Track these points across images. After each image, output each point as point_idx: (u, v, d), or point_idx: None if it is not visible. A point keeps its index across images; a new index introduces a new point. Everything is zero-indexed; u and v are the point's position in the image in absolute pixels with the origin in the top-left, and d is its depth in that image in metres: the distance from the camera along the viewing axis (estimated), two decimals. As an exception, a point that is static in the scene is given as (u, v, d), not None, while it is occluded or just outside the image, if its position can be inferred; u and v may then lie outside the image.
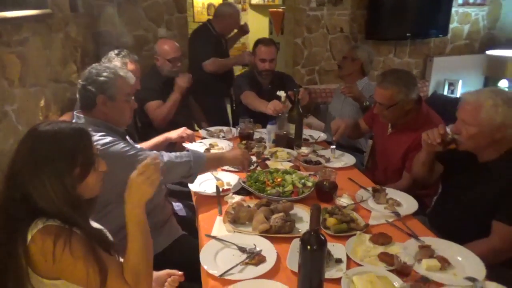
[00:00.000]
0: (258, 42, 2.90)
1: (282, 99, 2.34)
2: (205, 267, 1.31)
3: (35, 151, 1.07)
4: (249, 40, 6.80)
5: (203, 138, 2.58)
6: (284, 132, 2.36)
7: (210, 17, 3.67)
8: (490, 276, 1.28)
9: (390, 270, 1.29)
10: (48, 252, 1.00)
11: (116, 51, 2.34)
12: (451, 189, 1.86)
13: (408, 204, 1.75)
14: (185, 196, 2.20)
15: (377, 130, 2.44)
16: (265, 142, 2.44)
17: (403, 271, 1.27)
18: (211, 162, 1.85)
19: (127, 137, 1.86)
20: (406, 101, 2.05)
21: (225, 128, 2.74)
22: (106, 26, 3.46)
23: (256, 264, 1.32)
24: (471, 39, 4.79)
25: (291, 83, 2.96)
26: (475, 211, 1.64)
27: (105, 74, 1.63)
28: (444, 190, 1.94)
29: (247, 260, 1.34)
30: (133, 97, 1.76)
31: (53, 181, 1.05)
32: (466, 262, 1.37)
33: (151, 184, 1.14)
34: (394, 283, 1.22)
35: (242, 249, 1.40)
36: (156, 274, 1.39)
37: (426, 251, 1.38)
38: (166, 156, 1.69)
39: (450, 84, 4.72)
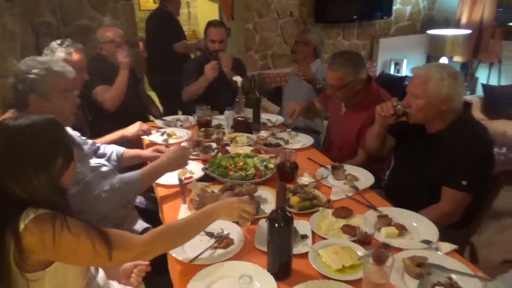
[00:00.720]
0: (209, 24, 2.91)
1: (239, 84, 2.34)
2: (174, 255, 1.31)
3: (14, 146, 1.03)
4: (200, 27, 6.69)
5: (160, 128, 2.53)
6: (242, 117, 2.37)
7: (157, 5, 3.67)
8: (442, 238, 1.39)
9: (353, 241, 1.36)
10: (47, 236, 0.97)
11: (59, 41, 2.20)
12: (403, 161, 1.97)
13: (365, 178, 1.83)
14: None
15: (332, 110, 2.53)
16: (223, 128, 2.44)
17: (364, 240, 1.34)
18: (148, 178, 1.70)
19: (77, 136, 1.80)
20: (356, 81, 2.13)
21: (182, 117, 2.70)
22: (46, 16, 3.25)
23: (225, 247, 1.34)
24: (413, 19, 5.02)
25: (242, 69, 2.99)
26: (426, 179, 1.75)
27: (35, 71, 1.50)
28: (396, 163, 2.05)
29: (215, 244, 1.35)
30: (77, 92, 1.65)
31: (40, 173, 1.03)
32: (420, 227, 1.47)
33: (238, 217, 1.32)
34: (358, 252, 1.28)
35: (210, 234, 1.40)
36: (122, 266, 1.37)
37: (385, 220, 1.46)
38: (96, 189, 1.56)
39: (396, 64, 4.95)
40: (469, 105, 1.78)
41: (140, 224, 1.81)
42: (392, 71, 4.95)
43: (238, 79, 2.34)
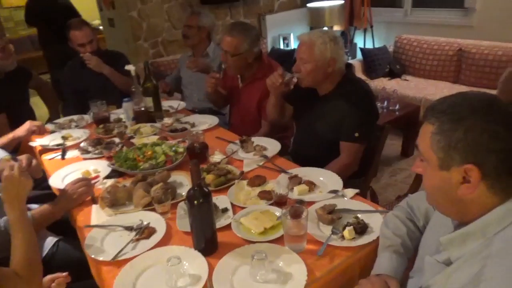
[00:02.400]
0: (69, 27, 2.63)
1: (132, 73, 2.25)
2: (93, 256, 1.24)
3: None
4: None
5: (52, 132, 2.32)
6: (143, 107, 2.29)
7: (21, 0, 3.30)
8: (346, 187, 1.55)
9: (270, 204, 1.45)
10: None
11: None
12: (303, 126, 2.11)
13: (272, 146, 1.93)
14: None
15: (230, 88, 2.57)
16: (124, 122, 2.34)
17: (280, 201, 1.43)
18: (41, 221, 1.49)
19: None
20: (249, 52, 2.21)
21: (75, 117, 2.51)
22: None
23: (148, 237, 1.31)
24: (293, -6, 5.29)
25: (124, 60, 2.85)
26: (324, 138, 1.91)
27: None
28: (297, 128, 2.19)
29: (137, 236, 1.31)
30: None
31: None
32: (327, 180, 1.61)
33: (27, 175, 1.26)
34: (276, 213, 1.36)
35: (129, 228, 1.36)
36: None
37: (295, 180, 1.57)
38: None
39: (284, 38, 5.18)
40: (350, 65, 1.97)
41: (50, 239, 1.66)
42: (282, 46, 5.18)
43: (130, 67, 2.24)
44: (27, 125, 2.06)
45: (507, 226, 0.77)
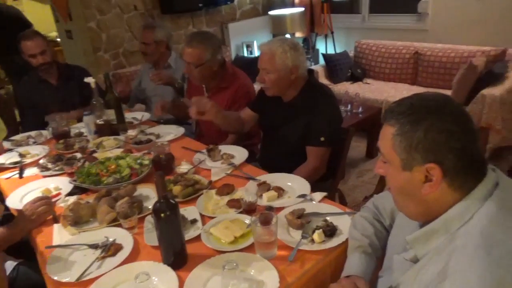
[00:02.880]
0: (20, 38, 2.53)
1: (92, 85, 2.18)
2: (56, 278, 1.18)
3: None
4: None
5: (9, 150, 2.21)
6: (105, 120, 2.22)
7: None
8: (314, 191, 1.56)
9: (239, 212, 1.43)
10: None
11: None
12: (269, 132, 2.12)
13: (240, 154, 1.92)
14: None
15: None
16: (86, 136, 2.26)
17: (250, 209, 1.42)
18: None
19: None
20: (213, 60, 2.19)
21: (33, 133, 2.40)
22: None
23: (114, 254, 1.26)
24: (254, 3, 5.33)
25: (85, 74, 2.75)
26: (291, 143, 1.92)
27: None
28: (264, 135, 2.20)
29: (102, 254, 1.26)
30: None
31: None
32: (295, 185, 1.62)
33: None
34: (246, 221, 1.35)
35: (94, 246, 1.31)
36: None
37: (264, 186, 1.57)
38: None
39: (248, 46, 5.22)
40: (312, 71, 2.00)
41: (10, 264, 1.57)
42: (245, 53, 5.21)
43: (90, 80, 2.17)
44: None
45: (467, 221, 0.80)
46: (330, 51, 4.98)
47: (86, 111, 2.22)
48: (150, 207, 1.50)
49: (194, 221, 1.40)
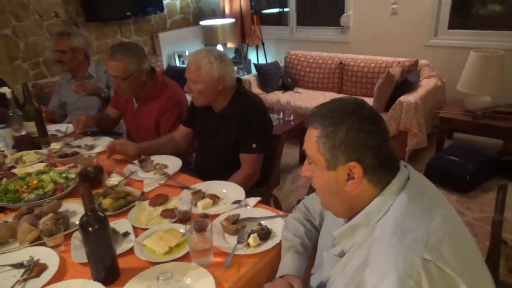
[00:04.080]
0: None
1: (8, 95, 2.02)
2: (-30, 306, 1.08)
3: None
4: None
5: None
6: (24, 133, 2.07)
7: None
8: (250, 196, 1.59)
9: (174, 222, 1.41)
10: None
11: None
12: (203, 143, 2.11)
13: (173, 163, 1.90)
14: None
15: (125, 109, 2.46)
16: (3, 151, 2.08)
17: (184, 218, 1.41)
18: None
19: None
20: (140, 71, 2.13)
21: None
22: None
23: (38, 275, 1.18)
24: (185, 13, 5.32)
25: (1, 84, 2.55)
26: (225, 152, 1.94)
27: None
28: (198, 145, 2.19)
29: (24, 276, 1.17)
30: None
31: None
32: (230, 191, 1.63)
33: None
34: (180, 230, 1.34)
35: (17, 266, 1.21)
36: None
37: (199, 195, 1.57)
38: None
39: (180, 56, 5.17)
40: (240, 81, 2.04)
41: None
42: (177, 63, 5.16)
43: (5, 90, 2.01)
44: None
45: (385, 214, 0.87)
46: (262, 61, 5.12)
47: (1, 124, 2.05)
48: (77, 222, 1.42)
49: (126, 234, 1.35)
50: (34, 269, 1.19)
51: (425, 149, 3.58)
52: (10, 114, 2.02)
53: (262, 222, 1.37)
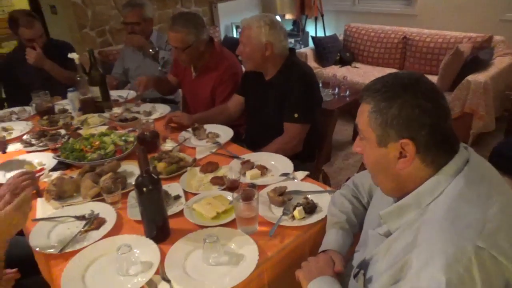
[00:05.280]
0: (17, 23, 2.50)
1: (76, 61, 2.15)
2: (38, 249, 1.20)
3: None
4: (16, 7, 5.78)
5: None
6: (89, 97, 2.21)
7: None
8: (296, 170, 1.58)
9: (222, 189, 1.46)
10: None
11: None
12: (253, 112, 2.13)
13: (225, 133, 1.94)
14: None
15: (183, 78, 2.53)
16: (70, 113, 2.24)
17: (233, 186, 1.45)
18: None
19: None
20: (199, 41, 2.17)
21: (16, 109, 2.37)
22: None
23: (97, 228, 1.28)
24: (244, -17, 5.27)
25: (69, 49, 2.71)
26: (273, 122, 1.94)
27: None
28: (248, 115, 2.20)
29: (86, 228, 1.28)
30: None
31: None
32: (278, 164, 1.64)
33: (24, 215, 1.14)
34: (228, 198, 1.38)
35: (80, 218, 1.33)
36: None
37: (248, 165, 1.59)
38: None
39: (237, 27, 5.17)
40: (293, 50, 2.00)
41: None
42: (234, 34, 5.16)
43: (74, 56, 2.14)
44: None
45: (438, 196, 0.83)
46: (320, 34, 4.97)
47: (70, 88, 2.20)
48: (133, 183, 1.51)
49: (177, 197, 1.42)
50: (94, 222, 1.29)
51: (492, 133, 3.32)
52: (78, 79, 2.16)
53: (309, 196, 1.37)
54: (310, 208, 1.30)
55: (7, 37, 6.30)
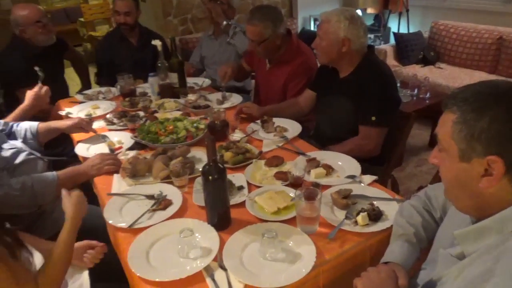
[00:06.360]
0: None
1: (159, 48, 2.26)
2: (110, 222, 1.29)
3: None
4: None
5: (80, 102, 2.39)
6: (168, 82, 2.32)
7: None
8: (366, 173, 1.52)
9: (285, 185, 1.45)
10: None
11: None
12: (323, 109, 2.07)
13: (293, 128, 1.92)
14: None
15: (257, 68, 2.56)
16: (149, 96, 2.38)
17: (296, 183, 1.43)
18: (66, 182, 1.54)
19: None
20: (275, 35, 2.16)
21: (103, 89, 2.57)
22: None
23: (164, 208, 1.35)
24: (327, -25, 5.13)
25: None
26: (343, 121, 1.88)
27: None
28: (318, 111, 2.15)
29: (154, 207, 1.35)
30: None
31: None
32: (345, 165, 1.59)
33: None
34: (290, 194, 1.37)
35: (150, 197, 1.40)
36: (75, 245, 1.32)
37: (313, 163, 1.56)
38: (4, 188, 1.43)
39: (315, 20, 5.07)
40: (372, 48, 1.91)
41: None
42: (312, 27, 5.08)
43: (157, 43, 2.25)
44: (75, 120, 1.89)
45: None
46: (403, 30, 4.69)
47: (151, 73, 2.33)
48: (200, 169, 1.56)
49: (240, 188, 1.44)
50: (161, 202, 1.36)
51: None
52: (159, 65, 2.28)
53: (375, 202, 1.31)
54: (375, 215, 1.24)
55: (101, 22, 6.86)
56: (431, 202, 1.16)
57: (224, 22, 2.81)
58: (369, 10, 4.82)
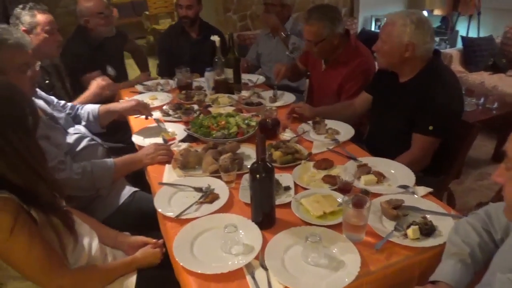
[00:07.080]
0: None
1: (217, 43, 2.31)
2: (160, 210, 1.34)
3: None
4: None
5: (140, 93, 2.51)
6: (223, 78, 2.35)
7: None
8: (421, 184, 1.44)
9: (333, 189, 1.41)
10: (4, 226, 0.96)
11: (21, 6, 2.09)
12: (378, 114, 1.99)
13: (346, 131, 1.87)
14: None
15: (312, 68, 2.52)
16: (205, 90, 2.43)
17: (345, 188, 1.39)
18: (122, 169, 1.66)
19: (54, 102, 1.81)
20: (332, 35, 2.12)
21: (162, 81, 2.67)
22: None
23: (211, 202, 1.37)
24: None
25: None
26: (399, 127, 1.79)
27: None
28: (374, 115, 2.08)
29: (201, 200, 1.38)
30: (38, 63, 1.56)
31: (20, 137, 1.01)
32: (398, 173, 1.52)
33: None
34: (338, 199, 1.33)
35: (198, 189, 1.44)
36: (132, 238, 1.40)
37: (364, 169, 1.51)
38: (67, 172, 1.52)
39: (377, 20, 4.91)
40: (438, 53, 1.80)
41: (128, 189, 1.81)
42: (373, 28, 4.92)
43: (216, 38, 2.30)
44: (132, 103, 1.98)
45: None
46: (472, 34, 4.40)
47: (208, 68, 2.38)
48: (249, 166, 1.57)
49: (287, 188, 1.43)
50: (209, 196, 1.39)
51: None
52: (216, 60, 2.32)
53: (428, 216, 1.24)
54: (428, 230, 1.17)
55: (164, 15, 7.14)
56: (492, 222, 1.07)
57: (283, 34, 2.79)
58: (436, 12, 4.56)
